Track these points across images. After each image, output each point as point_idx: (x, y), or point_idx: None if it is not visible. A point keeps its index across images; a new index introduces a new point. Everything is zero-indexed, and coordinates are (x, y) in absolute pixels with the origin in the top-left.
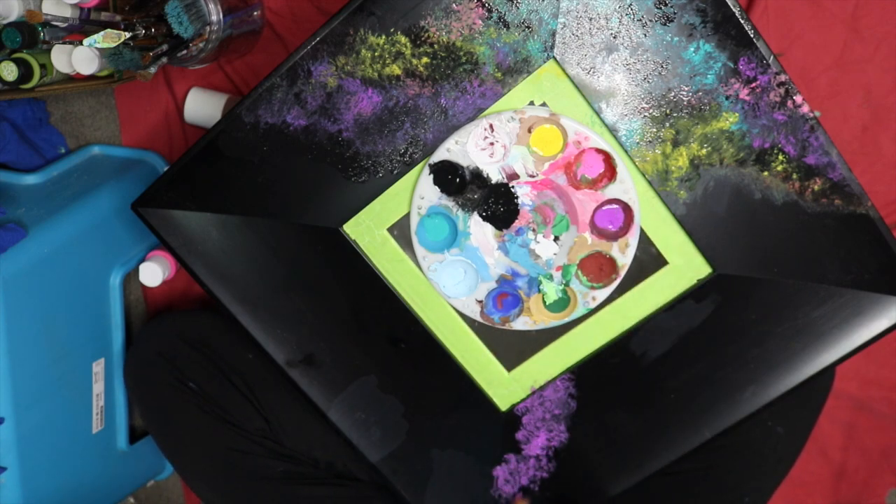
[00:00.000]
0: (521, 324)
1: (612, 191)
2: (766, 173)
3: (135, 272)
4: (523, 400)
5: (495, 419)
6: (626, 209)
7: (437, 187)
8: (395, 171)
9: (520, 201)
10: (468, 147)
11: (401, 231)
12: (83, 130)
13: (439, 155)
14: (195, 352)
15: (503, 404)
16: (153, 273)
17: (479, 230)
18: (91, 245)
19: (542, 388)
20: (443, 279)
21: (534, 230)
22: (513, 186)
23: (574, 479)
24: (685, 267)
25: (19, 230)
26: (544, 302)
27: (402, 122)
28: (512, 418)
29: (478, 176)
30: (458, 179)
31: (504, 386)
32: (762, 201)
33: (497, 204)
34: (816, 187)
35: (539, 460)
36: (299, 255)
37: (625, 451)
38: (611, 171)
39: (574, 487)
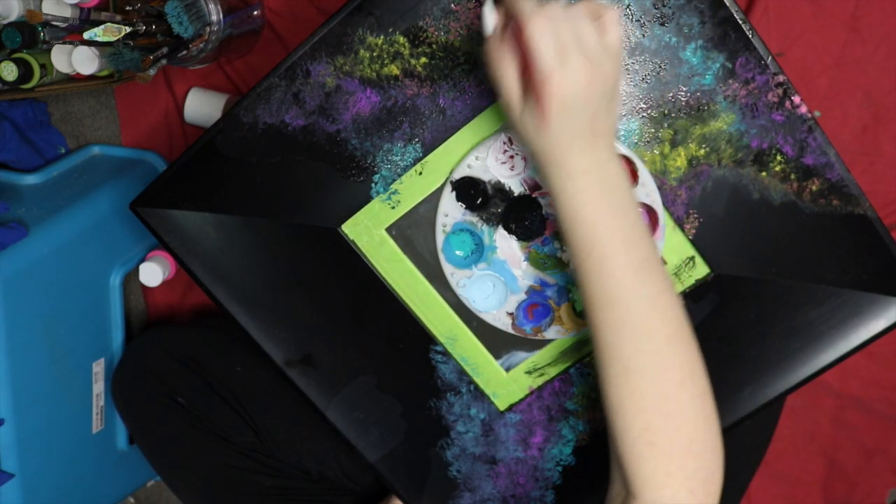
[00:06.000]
0: (553, 333)
1: (635, 195)
2: (764, 174)
3: (135, 272)
4: (522, 400)
5: (494, 419)
6: (650, 212)
7: (460, 204)
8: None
9: (544, 211)
10: (488, 162)
11: (399, 231)
12: (83, 130)
13: (460, 171)
14: (183, 367)
15: (502, 404)
16: (153, 273)
17: (506, 243)
18: (91, 245)
19: (540, 388)
20: (472, 294)
21: (559, 239)
22: (536, 197)
23: (571, 479)
24: (683, 267)
25: (20, 229)
26: (575, 309)
27: (400, 122)
28: (510, 418)
29: (500, 189)
30: (480, 195)
31: (503, 386)
32: (760, 202)
33: (523, 217)
34: (814, 188)
35: (536, 460)
36: (297, 255)
37: None
38: (632, 176)
39: (571, 488)
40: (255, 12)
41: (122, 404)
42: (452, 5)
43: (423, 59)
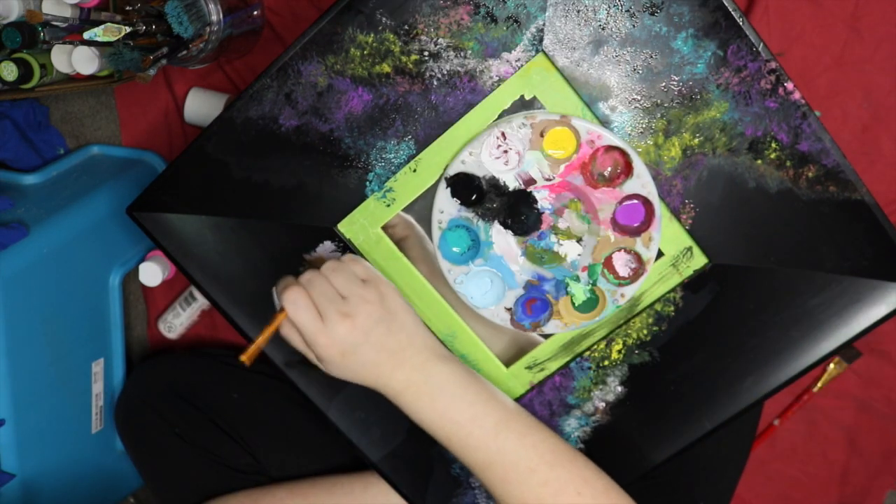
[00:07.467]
0: (552, 327)
1: (631, 186)
2: (759, 161)
3: (134, 272)
4: (523, 396)
5: None
6: (646, 203)
7: (455, 200)
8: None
9: (540, 206)
10: (482, 157)
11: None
12: (83, 130)
13: (455, 168)
14: (180, 400)
15: None
16: (153, 273)
17: (502, 238)
18: (91, 245)
19: (540, 383)
20: (470, 290)
21: (556, 233)
22: (531, 192)
23: None
24: (681, 257)
25: (21, 229)
26: (573, 303)
27: (393, 119)
28: None
29: (495, 185)
30: (475, 190)
31: (502, 382)
32: (756, 190)
33: (519, 212)
34: (811, 174)
35: None
36: (295, 255)
37: (624, 445)
38: (627, 167)
39: None
40: (255, 12)
41: (123, 433)
42: (441, 1)
43: (414, 57)
